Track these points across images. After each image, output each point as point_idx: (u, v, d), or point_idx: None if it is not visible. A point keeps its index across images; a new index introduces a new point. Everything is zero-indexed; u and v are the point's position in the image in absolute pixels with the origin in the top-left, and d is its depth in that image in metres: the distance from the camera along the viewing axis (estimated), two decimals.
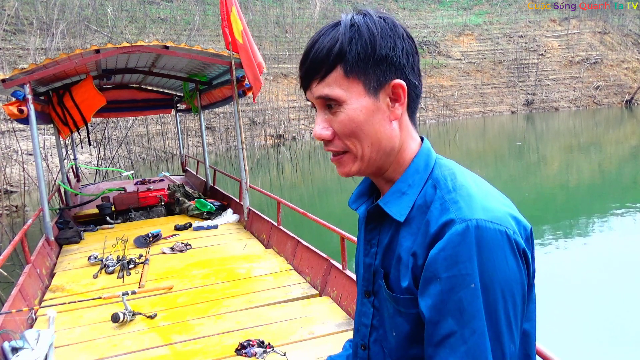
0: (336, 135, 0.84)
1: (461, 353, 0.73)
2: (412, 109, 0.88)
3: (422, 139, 0.92)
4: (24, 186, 10.85)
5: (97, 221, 6.42)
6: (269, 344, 2.87)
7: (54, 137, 9.98)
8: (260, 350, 2.80)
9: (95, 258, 4.66)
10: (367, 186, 0.99)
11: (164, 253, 4.89)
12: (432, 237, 0.77)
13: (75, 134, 7.58)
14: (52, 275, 4.47)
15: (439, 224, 0.77)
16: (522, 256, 0.77)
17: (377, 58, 0.80)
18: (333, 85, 0.81)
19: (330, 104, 0.83)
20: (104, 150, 16.54)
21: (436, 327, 0.75)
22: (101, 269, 4.42)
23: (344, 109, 0.81)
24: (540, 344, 1.64)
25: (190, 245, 5.06)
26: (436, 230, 0.77)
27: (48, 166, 13.58)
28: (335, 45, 0.80)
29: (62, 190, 7.23)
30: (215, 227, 5.82)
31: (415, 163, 0.87)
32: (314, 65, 0.82)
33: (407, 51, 0.83)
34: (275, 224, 4.90)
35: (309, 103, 0.89)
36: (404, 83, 0.83)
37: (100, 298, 3.59)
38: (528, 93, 32.26)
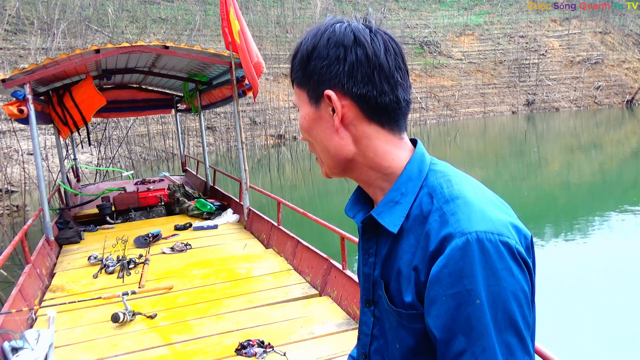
0: None
1: None
2: (379, 117, 0.84)
3: (416, 142, 0.89)
4: (25, 186, 10.86)
5: (97, 221, 6.42)
6: (269, 344, 2.86)
7: (54, 137, 9.98)
8: (260, 350, 2.80)
9: (95, 258, 4.66)
10: (362, 193, 0.97)
11: (164, 253, 4.89)
12: (432, 252, 0.75)
13: (75, 134, 7.58)
14: (52, 275, 4.47)
15: (438, 238, 0.75)
16: (525, 266, 0.75)
17: (308, 71, 0.85)
18: (295, 95, 0.91)
19: None
20: (105, 150, 16.55)
21: (448, 346, 0.73)
22: (101, 269, 4.42)
23: (299, 114, 0.90)
24: (540, 343, 1.64)
25: (190, 245, 5.06)
26: (436, 245, 0.75)
27: (48, 166, 13.59)
28: (292, 60, 0.90)
29: (62, 190, 7.23)
30: (215, 227, 5.82)
31: (408, 170, 0.84)
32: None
33: (345, 59, 0.81)
34: (275, 224, 4.90)
35: None
36: (332, 93, 0.82)
37: (100, 298, 3.59)
38: (529, 93, 32.24)
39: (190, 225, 5.92)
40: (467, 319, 0.72)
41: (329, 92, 0.82)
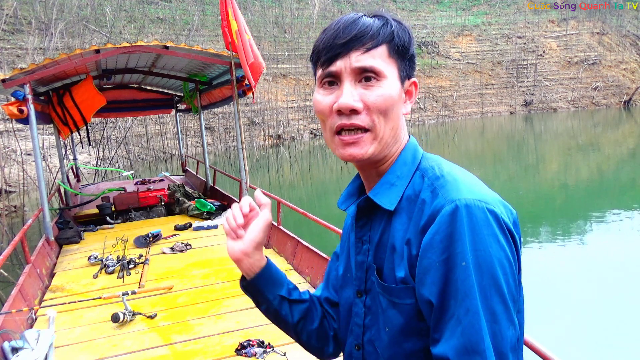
0: (366, 110, 0.84)
1: (457, 334, 0.72)
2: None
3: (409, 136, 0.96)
4: (23, 186, 10.84)
5: (97, 221, 6.42)
6: (269, 344, 2.87)
7: (53, 137, 9.97)
8: (260, 350, 2.81)
9: (95, 258, 4.66)
10: (356, 187, 1.00)
11: (164, 253, 4.89)
12: (424, 223, 0.79)
13: (75, 133, 7.58)
14: (52, 275, 4.47)
15: (430, 209, 0.79)
16: (511, 237, 0.77)
17: (411, 53, 0.89)
18: (378, 59, 0.84)
19: (369, 77, 0.83)
20: (103, 151, 16.53)
21: (442, 312, 0.75)
22: (101, 269, 4.42)
23: (385, 84, 0.84)
24: (538, 342, 1.65)
25: (190, 245, 5.07)
26: (428, 217, 0.78)
27: (48, 166, 13.57)
28: (386, 26, 0.85)
29: (62, 190, 7.23)
30: (215, 227, 5.82)
31: (403, 156, 0.90)
32: (361, 37, 0.83)
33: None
34: (275, 224, 4.91)
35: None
36: (417, 82, 0.92)
37: (100, 298, 3.60)
38: (527, 94, 32.29)
39: (190, 225, 5.93)
40: (455, 281, 0.73)
41: (416, 80, 0.92)
